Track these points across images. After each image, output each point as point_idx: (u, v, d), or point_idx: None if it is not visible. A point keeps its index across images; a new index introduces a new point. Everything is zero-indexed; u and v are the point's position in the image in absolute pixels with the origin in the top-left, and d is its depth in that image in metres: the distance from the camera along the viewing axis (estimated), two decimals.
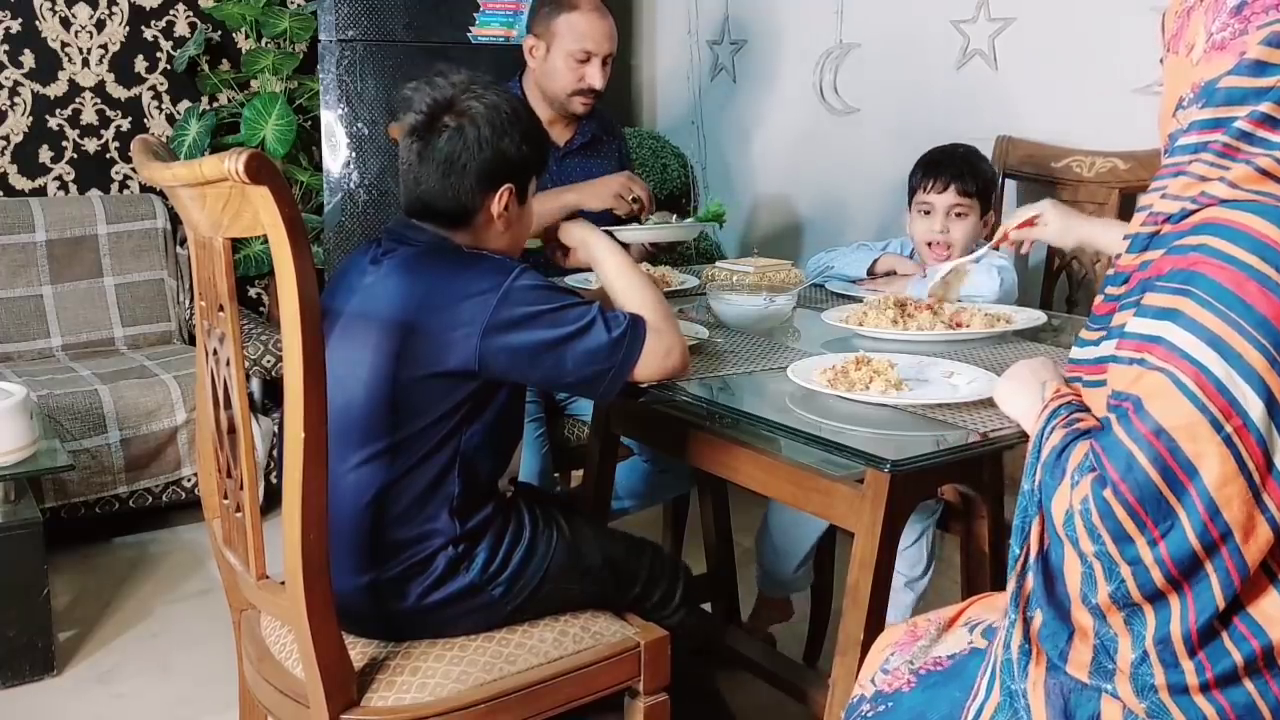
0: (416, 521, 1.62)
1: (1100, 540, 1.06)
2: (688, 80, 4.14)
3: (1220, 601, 1.04)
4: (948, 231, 2.44)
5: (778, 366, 1.83)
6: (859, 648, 1.62)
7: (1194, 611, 1.05)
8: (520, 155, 1.70)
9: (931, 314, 2.05)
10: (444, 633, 1.67)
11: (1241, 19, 1.13)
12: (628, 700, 1.79)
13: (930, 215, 2.46)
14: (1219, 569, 1.04)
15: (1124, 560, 1.05)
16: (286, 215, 1.31)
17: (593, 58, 2.68)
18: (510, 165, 1.70)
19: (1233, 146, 1.10)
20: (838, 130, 3.56)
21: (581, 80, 2.69)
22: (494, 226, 1.73)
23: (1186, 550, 1.03)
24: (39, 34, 3.73)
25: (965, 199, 2.43)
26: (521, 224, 1.79)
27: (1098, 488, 1.07)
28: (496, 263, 1.65)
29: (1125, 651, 1.09)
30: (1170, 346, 1.05)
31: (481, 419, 1.64)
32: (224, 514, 1.67)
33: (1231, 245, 1.04)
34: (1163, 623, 1.07)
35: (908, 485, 1.62)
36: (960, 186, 2.42)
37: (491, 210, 1.71)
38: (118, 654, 2.68)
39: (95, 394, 3.18)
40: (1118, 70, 2.74)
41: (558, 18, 2.67)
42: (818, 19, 3.55)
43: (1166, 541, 1.04)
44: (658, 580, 1.89)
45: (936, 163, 2.47)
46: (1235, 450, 1.02)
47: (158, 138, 3.63)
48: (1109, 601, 1.08)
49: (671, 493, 2.76)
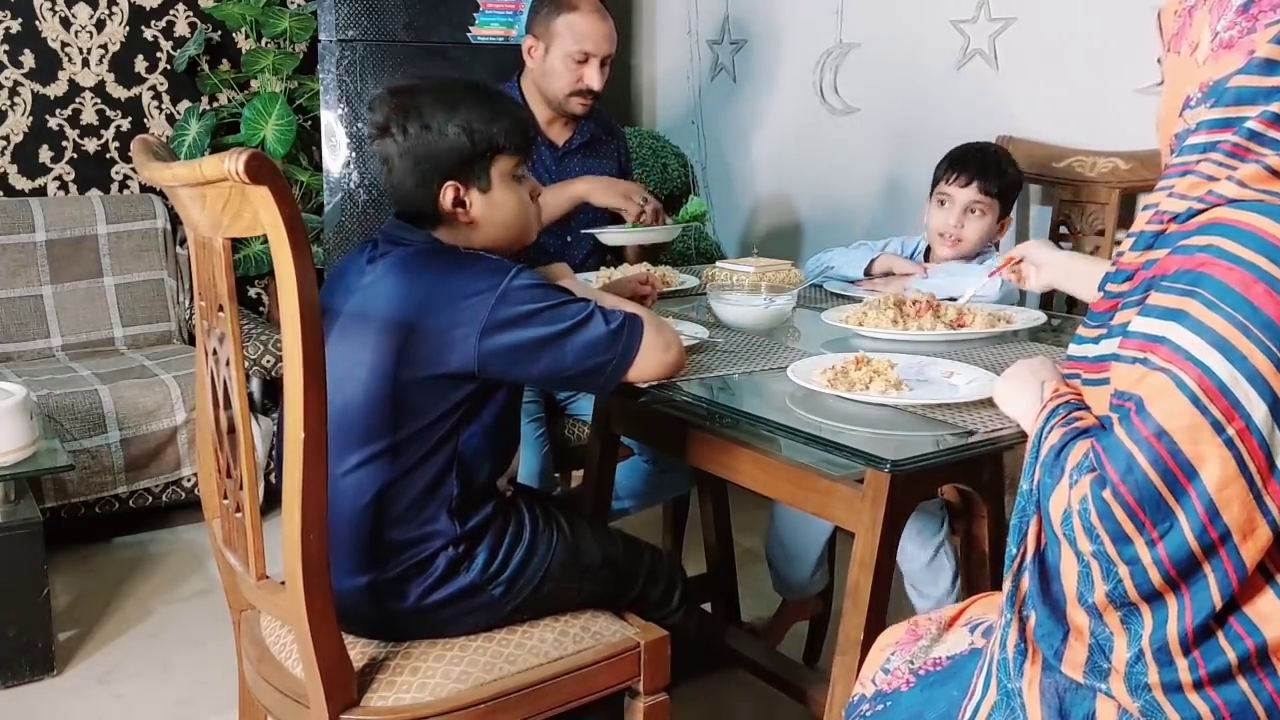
0: (416, 522, 1.62)
1: (1098, 540, 1.06)
2: (688, 80, 4.14)
3: (1217, 602, 1.04)
4: (962, 226, 2.47)
5: (778, 366, 1.83)
6: (859, 648, 1.62)
7: (1190, 611, 1.05)
8: (462, 145, 1.65)
9: (932, 314, 2.06)
10: (444, 633, 1.67)
11: (1249, 17, 1.12)
12: (628, 700, 1.79)
13: (948, 207, 2.48)
14: (1217, 570, 1.04)
15: (1122, 560, 1.06)
16: (286, 215, 1.31)
17: (591, 59, 2.68)
18: (447, 159, 1.65)
19: (1243, 146, 1.09)
20: (838, 130, 3.56)
21: (580, 81, 2.69)
22: (459, 223, 1.70)
23: (1185, 551, 1.03)
24: (39, 34, 3.73)
25: (985, 197, 2.46)
26: (500, 214, 1.72)
27: (1097, 488, 1.07)
28: (494, 263, 1.64)
29: (1120, 651, 1.09)
30: (1174, 348, 1.05)
31: (480, 420, 1.64)
32: (224, 514, 1.67)
33: (1239, 246, 1.04)
34: (1160, 623, 1.07)
35: (908, 485, 1.62)
36: (982, 184, 2.45)
37: (442, 206, 1.68)
38: (118, 654, 2.68)
39: (95, 394, 3.18)
40: (1119, 70, 2.75)
41: (557, 19, 2.68)
42: (818, 19, 3.55)
43: (1165, 542, 1.04)
44: (657, 579, 1.89)
45: (964, 158, 2.49)
46: (1236, 452, 1.02)
47: (158, 138, 3.62)
48: (1106, 601, 1.08)
49: (671, 493, 2.76)
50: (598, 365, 1.63)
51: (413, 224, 1.72)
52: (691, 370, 1.78)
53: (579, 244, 2.78)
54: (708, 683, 2.53)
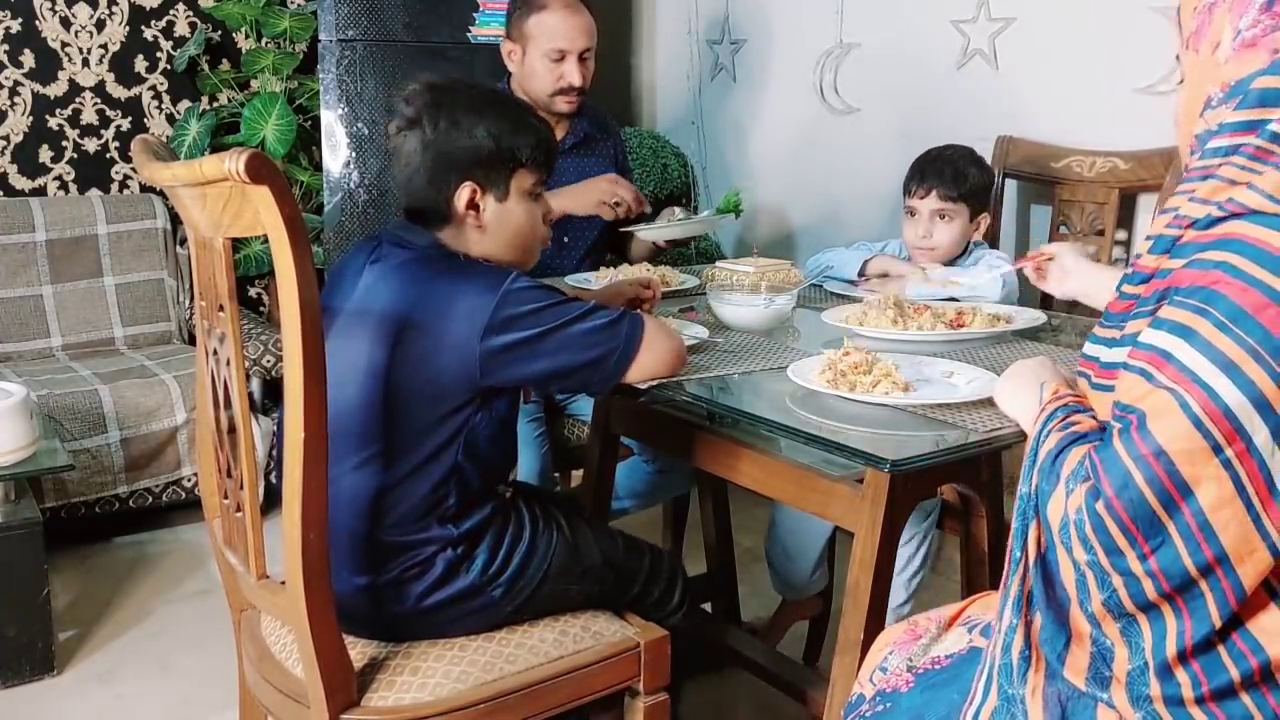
0: (415, 525, 1.61)
1: (1092, 550, 1.05)
2: (687, 80, 4.14)
3: (1216, 621, 1.03)
4: (930, 235, 2.47)
5: (778, 366, 1.83)
6: (859, 648, 1.62)
7: (1190, 628, 1.04)
8: (487, 148, 1.66)
9: (931, 314, 2.06)
10: (444, 633, 1.67)
11: (1273, 15, 1.10)
12: (628, 700, 1.79)
13: (915, 219, 2.50)
14: (1214, 589, 1.03)
15: (1115, 571, 1.05)
16: (287, 215, 1.31)
17: (568, 55, 2.66)
18: (470, 159, 1.66)
19: (1265, 149, 1.06)
20: (838, 130, 3.56)
21: (560, 79, 2.67)
22: (467, 227, 1.70)
23: (1179, 568, 1.02)
24: (39, 34, 3.73)
25: (948, 203, 2.46)
26: (510, 226, 1.72)
27: (1091, 499, 1.05)
28: (494, 271, 1.64)
29: (1121, 661, 1.09)
30: (1181, 367, 1.03)
31: (479, 424, 1.63)
32: (224, 514, 1.67)
33: (1255, 266, 1.02)
34: (1159, 637, 1.06)
35: (907, 485, 1.63)
36: (942, 191, 2.45)
37: (455, 206, 1.68)
38: (118, 654, 2.68)
39: (95, 394, 3.18)
40: (1119, 70, 2.75)
41: (528, 19, 2.67)
42: (818, 18, 3.55)
43: (1157, 556, 1.03)
44: (657, 579, 1.89)
45: (922, 169, 2.50)
46: (1234, 474, 1.00)
47: (158, 138, 3.63)
48: (1103, 610, 1.07)
49: (671, 493, 2.76)
50: (599, 360, 1.63)
51: (420, 224, 1.71)
52: (691, 370, 1.78)
53: (575, 246, 2.77)
54: (708, 683, 2.54)
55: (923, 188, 2.47)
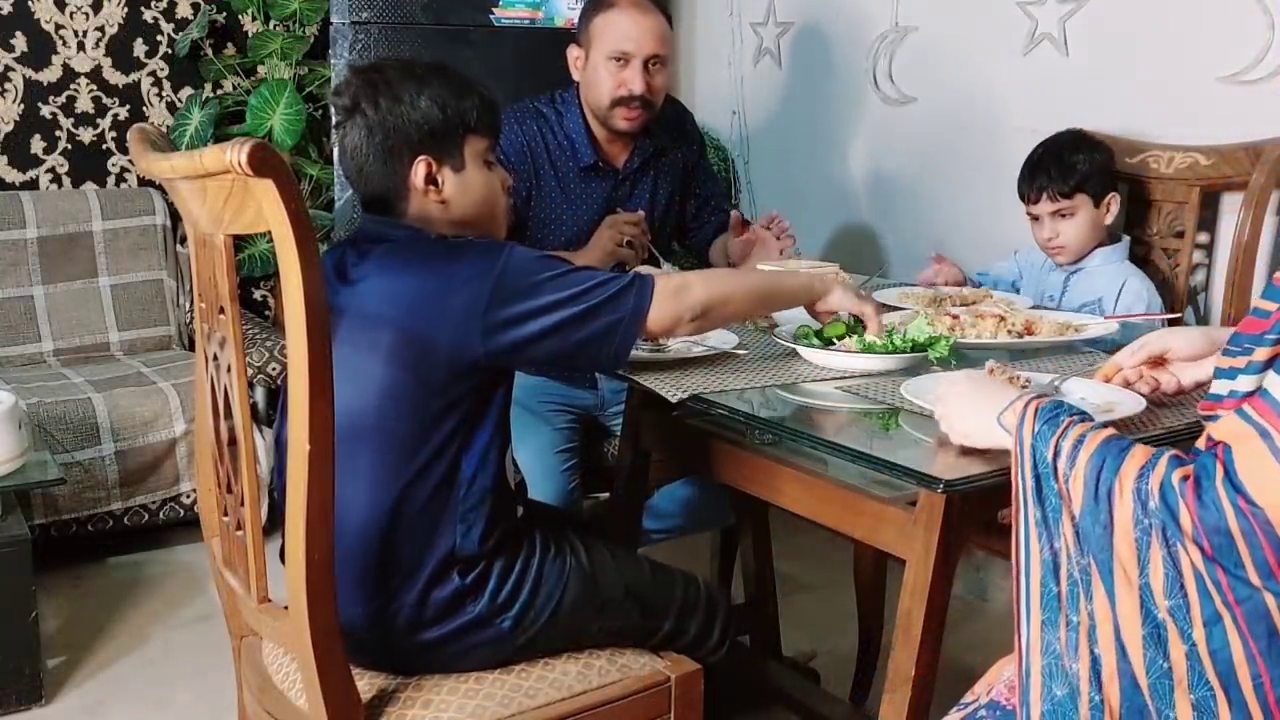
0: (420, 546, 1.63)
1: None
2: (729, 66, 4.14)
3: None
4: (1057, 235, 2.58)
5: (821, 379, 1.83)
6: (910, 685, 1.61)
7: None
8: (435, 118, 1.71)
9: (998, 320, 2.05)
10: (453, 667, 1.67)
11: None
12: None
13: (1039, 223, 2.61)
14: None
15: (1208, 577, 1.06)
16: (291, 211, 1.32)
17: (632, 59, 2.56)
18: (419, 132, 1.71)
19: None
20: (893, 121, 3.55)
21: (621, 86, 2.56)
22: (430, 204, 1.74)
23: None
24: (31, 15, 3.77)
25: (1063, 201, 2.55)
26: (472, 195, 1.77)
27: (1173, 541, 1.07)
28: (484, 245, 1.69)
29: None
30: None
31: (477, 427, 1.65)
32: (224, 532, 1.68)
33: None
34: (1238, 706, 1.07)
35: (965, 508, 1.61)
36: (1053, 190, 2.54)
37: (413, 184, 1.72)
38: (110, 683, 2.70)
39: (88, 402, 3.21)
40: (1200, 57, 2.72)
41: (595, 19, 2.61)
42: (872, 0, 3.54)
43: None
44: (693, 613, 1.87)
45: (1027, 174, 2.60)
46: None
47: (157, 127, 3.66)
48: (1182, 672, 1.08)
49: (713, 523, 2.75)
50: (608, 325, 1.67)
51: (382, 214, 1.76)
52: (724, 383, 1.78)
53: None
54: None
55: (1034, 191, 2.57)
